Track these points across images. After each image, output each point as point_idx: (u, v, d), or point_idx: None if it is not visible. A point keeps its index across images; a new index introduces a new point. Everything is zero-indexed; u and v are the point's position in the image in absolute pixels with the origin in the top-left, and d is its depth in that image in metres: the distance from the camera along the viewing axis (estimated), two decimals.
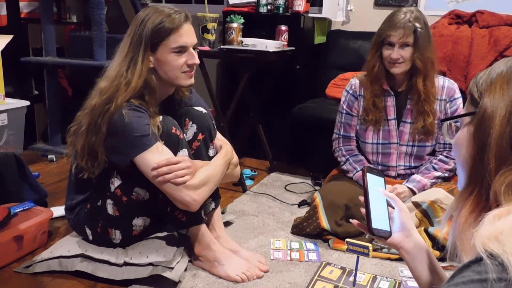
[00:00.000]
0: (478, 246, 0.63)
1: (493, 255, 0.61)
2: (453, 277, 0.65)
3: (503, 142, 0.72)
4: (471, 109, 0.79)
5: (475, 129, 0.77)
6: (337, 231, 1.85)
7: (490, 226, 0.66)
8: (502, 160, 0.72)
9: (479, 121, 0.76)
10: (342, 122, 2.10)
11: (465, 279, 0.62)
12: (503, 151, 0.72)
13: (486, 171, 0.73)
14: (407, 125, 2.00)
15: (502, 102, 0.73)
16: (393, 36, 1.85)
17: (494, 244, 0.62)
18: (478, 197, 0.76)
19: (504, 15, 2.65)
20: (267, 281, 1.60)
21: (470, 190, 0.77)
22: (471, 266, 0.63)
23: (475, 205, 0.76)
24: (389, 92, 1.99)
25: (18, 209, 1.76)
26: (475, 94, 0.78)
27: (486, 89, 0.76)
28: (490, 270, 0.60)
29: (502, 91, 0.74)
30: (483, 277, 0.60)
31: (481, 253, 0.62)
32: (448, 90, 1.98)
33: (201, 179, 1.53)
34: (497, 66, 0.78)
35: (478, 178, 0.75)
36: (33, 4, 3.07)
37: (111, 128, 1.48)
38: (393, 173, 2.06)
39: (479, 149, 0.75)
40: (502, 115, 0.72)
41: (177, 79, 1.58)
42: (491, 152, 0.72)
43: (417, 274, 1.05)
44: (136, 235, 1.63)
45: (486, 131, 0.74)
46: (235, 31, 2.53)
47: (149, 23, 1.51)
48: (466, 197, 0.78)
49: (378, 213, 1.07)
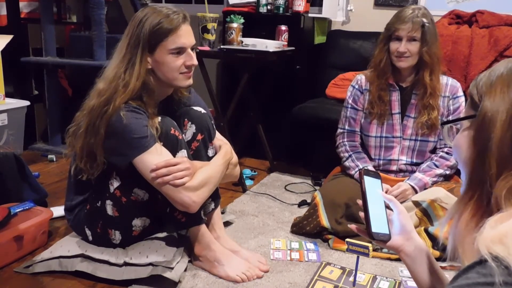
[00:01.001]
0: (482, 249, 0.62)
1: (498, 258, 0.60)
2: (457, 278, 0.64)
3: (504, 147, 0.71)
4: (471, 112, 0.79)
5: (475, 133, 0.76)
6: (337, 229, 1.85)
7: (493, 230, 0.65)
8: (503, 165, 0.71)
9: (480, 125, 0.75)
10: (347, 117, 2.12)
11: (470, 281, 0.61)
12: (504, 155, 0.71)
13: (487, 175, 0.72)
14: (410, 119, 2.01)
15: (502, 105, 0.72)
16: (401, 30, 1.89)
17: (498, 247, 0.61)
18: (479, 202, 0.75)
19: (504, 15, 2.65)
20: (267, 281, 1.60)
21: (470, 195, 0.77)
22: (475, 267, 0.62)
23: (476, 209, 0.75)
24: (394, 87, 2.01)
25: (18, 209, 1.76)
26: (475, 97, 0.77)
27: (486, 92, 0.75)
28: (496, 273, 0.59)
29: (503, 94, 0.73)
30: (489, 280, 0.59)
31: (486, 256, 0.61)
32: (452, 87, 2.01)
33: (201, 180, 1.53)
34: (497, 68, 0.77)
35: (479, 182, 0.75)
36: (33, 4, 3.07)
37: (109, 129, 1.47)
38: (395, 167, 2.07)
39: (480, 153, 0.74)
40: (503, 119, 0.71)
41: (175, 80, 1.57)
42: (492, 157, 0.72)
43: (417, 276, 1.04)
44: (135, 236, 1.63)
45: (487, 135, 0.73)
46: (235, 31, 2.53)
47: (147, 23, 1.50)
48: (466, 202, 0.77)
49: (377, 216, 1.06)
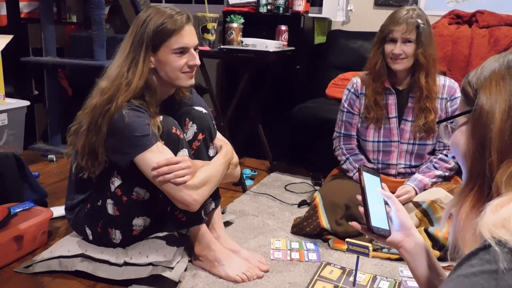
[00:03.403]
0: (485, 234, 0.63)
1: (502, 242, 0.60)
2: (461, 265, 0.64)
3: (505, 136, 0.72)
4: (466, 108, 0.80)
5: (473, 126, 0.77)
6: (337, 230, 1.85)
7: (494, 214, 0.65)
8: (504, 153, 0.72)
9: (477, 118, 0.76)
10: (343, 121, 2.11)
11: (474, 269, 0.61)
12: (505, 144, 0.72)
13: (488, 165, 0.73)
14: (408, 123, 2.00)
15: (500, 97, 0.74)
16: (396, 32, 1.86)
17: (501, 231, 0.62)
18: (480, 193, 0.76)
19: (504, 15, 2.65)
20: (267, 281, 1.60)
21: (470, 187, 0.78)
22: (479, 253, 0.62)
23: (476, 200, 0.76)
24: (390, 90, 1.99)
25: (18, 209, 1.76)
26: (470, 93, 0.79)
27: (481, 86, 0.77)
28: (500, 259, 0.59)
29: (499, 87, 0.74)
30: (493, 267, 0.59)
31: (489, 240, 0.61)
32: (449, 89, 1.98)
33: (201, 179, 1.53)
34: (488, 63, 0.79)
35: (479, 173, 0.76)
36: (33, 4, 3.07)
37: (111, 128, 1.48)
38: (393, 171, 2.06)
39: (479, 145, 0.75)
40: (502, 109, 0.73)
41: (178, 80, 1.58)
42: (493, 146, 0.73)
43: (417, 273, 1.05)
44: (136, 235, 1.63)
45: (486, 127, 0.74)
46: (235, 31, 2.53)
47: (151, 24, 1.51)
48: (466, 194, 0.78)
49: (377, 212, 1.06)
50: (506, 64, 0.76)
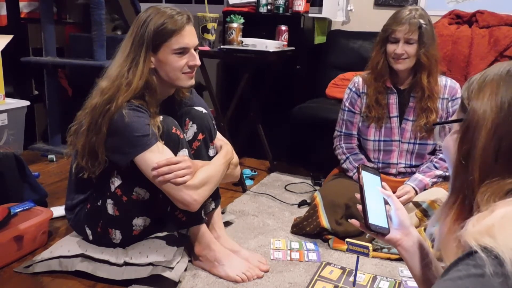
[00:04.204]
0: (470, 242, 0.63)
1: (487, 248, 0.61)
2: (448, 271, 0.65)
3: (487, 156, 0.72)
4: (460, 115, 0.80)
5: (461, 138, 0.77)
6: (337, 230, 1.85)
7: (477, 225, 0.66)
8: (485, 172, 0.72)
9: (465, 131, 0.76)
10: (344, 120, 2.11)
11: (461, 273, 0.62)
12: (487, 164, 0.72)
13: (469, 181, 0.73)
14: (409, 122, 2.00)
15: (488, 113, 0.73)
16: (398, 32, 1.86)
17: (486, 238, 0.62)
18: (462, 206, 0.76)
19: (504, 15, 2.65)
20: (267, 281, 1.60)
21: (454, 199, 0.78)
22: (465, 259, 0.63)
23: (459, 214, 0.76)
24: (392, 90, 2.00)
25: (18, 209, 1.76)
26: (465, 101, 0.78)
27: (474, 97, 0.76)
28: (487, 264, 0.60)
29: (489, 102, 0.73)
30: (479, 271, 0.60)
31: (475, 247, 0.62)
32: (451, 89, 1.99)
33: (202, 179, 1.53)
34: (489, 72, 0.78)
35: (461, 187, 0.76)
36: (33, 4, 3.07)
37: (111, 128, 1.48)
38: (394, 171, 2.06)
39: (463, 159, 0.75)
40: (488, 128, 0.72)
41: (178, 80, 1.58)
42: (475, 164, 0.73)
43: (415, 271, 1.05)
44: (136, 235, 1.63)
45: (472, 142, 0.74)
46: (235, 31, 2.53)
47: (151, 24, 1.51)
48: (450, 205, 0.78)
49: (375, 210, 1.07)
50: (505, 72, 0.75)
